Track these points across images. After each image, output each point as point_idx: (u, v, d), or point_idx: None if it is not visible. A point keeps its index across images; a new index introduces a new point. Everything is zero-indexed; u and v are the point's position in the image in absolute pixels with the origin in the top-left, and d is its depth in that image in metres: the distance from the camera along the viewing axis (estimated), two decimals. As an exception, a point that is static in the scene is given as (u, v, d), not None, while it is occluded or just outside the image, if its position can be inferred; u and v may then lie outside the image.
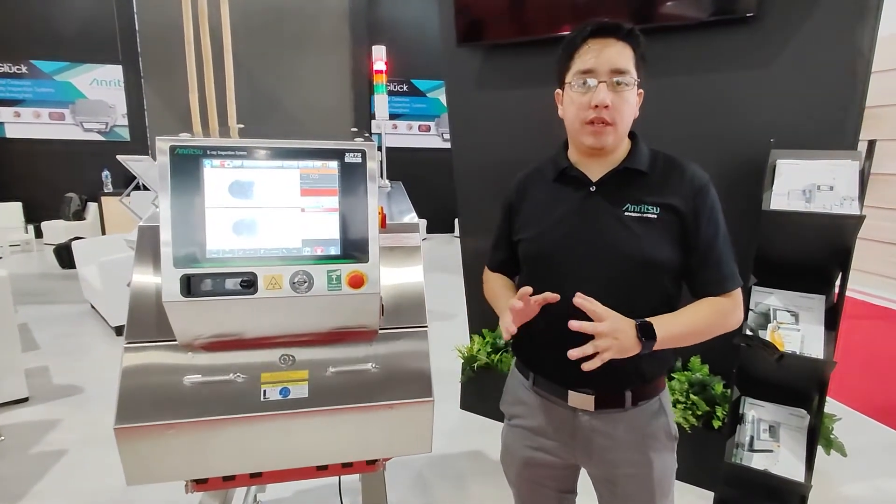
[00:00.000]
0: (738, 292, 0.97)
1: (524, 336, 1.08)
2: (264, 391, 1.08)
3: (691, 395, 1.97)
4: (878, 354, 3.55)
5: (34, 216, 7.51)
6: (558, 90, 1.02)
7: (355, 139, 1.07)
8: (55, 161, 7.78)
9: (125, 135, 7.90)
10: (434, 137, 8.66)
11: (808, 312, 1.57)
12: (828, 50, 1.68)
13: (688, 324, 0.93)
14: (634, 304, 0.93)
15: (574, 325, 0.86)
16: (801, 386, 1.64)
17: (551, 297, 0.92)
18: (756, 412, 1.70)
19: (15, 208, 7.36)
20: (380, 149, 1.10)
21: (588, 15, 2.05)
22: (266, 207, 1.01)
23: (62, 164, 7.78)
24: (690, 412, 1.95)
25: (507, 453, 1.15)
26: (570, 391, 1.00)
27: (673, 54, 1.91)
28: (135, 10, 7.12)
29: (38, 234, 7.41)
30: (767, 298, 1.63)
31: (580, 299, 0.87)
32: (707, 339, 0.96)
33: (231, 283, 0.98)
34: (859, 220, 1.41)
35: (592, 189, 0.98)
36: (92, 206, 7.51)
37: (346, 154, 1.04)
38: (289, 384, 1.10)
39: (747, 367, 1.69)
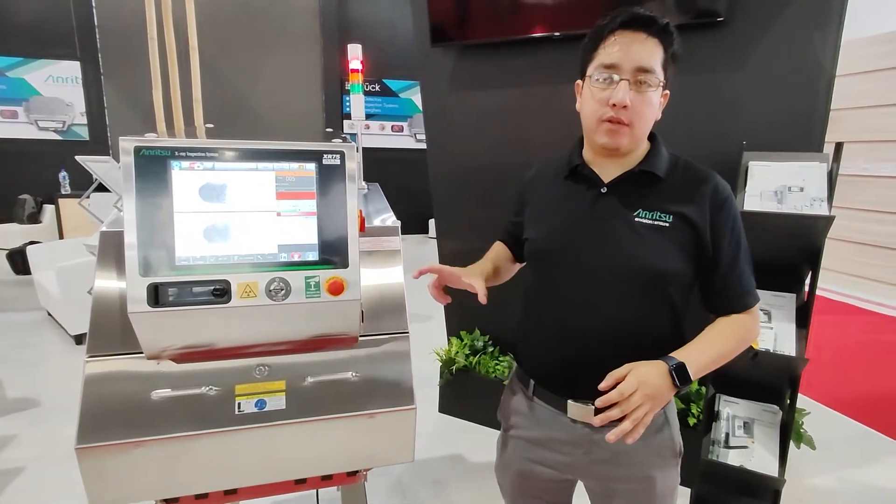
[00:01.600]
0: (757, 307, 0.94)
1: (524, 344, 1.06)
2: (239, 404, 1.04)
3: (667, 394, 2.00)
4: (844, 350, 3.70)
5: (-16, 219, 7.11)
6: (578, 81, 0.96)
7: (333, 140, 1.03)
8: (8, 161, 7.38)
9: (84, 134, 7.56)
10: (407, 138, 8.61)
11: (780, 311, 1.61)
12: (794, 54, 1.73)
13: (717, 352, 0.88)
14: (638, 314, 0.90)
15: (604, 424, 0.82)
16: (774, 383, 1.68)
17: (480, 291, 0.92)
18: (731, 409, 1.74)
19: (-37, 211, 6.95)
20: (357, 150, 1.06)
21: (560, 17, 2.06)
22: (239, 211, 0.96)
23: (15, 164, 7.38)
24: (667, 410, 1.98)
25: (503, 463, 1.11)
26: (569, 401, 0.95)
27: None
28: (93, 4, 6.82)
29: (-10, 238, 7.01)
30: (741, 297, 1.66)
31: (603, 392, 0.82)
32: (731, 359, 0.92)
33: (202, 292, 0.93)
34: (829, 220, 1.45)
35: (603, 190, 0.93)
36: (48, 209, 7.17)
37: (325, 156, 1.00)
38: (265, 396, 1.06)
39: (722, 365, 1.72)
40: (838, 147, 1.50)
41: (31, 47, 7.29)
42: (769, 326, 1.59)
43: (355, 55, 2.24)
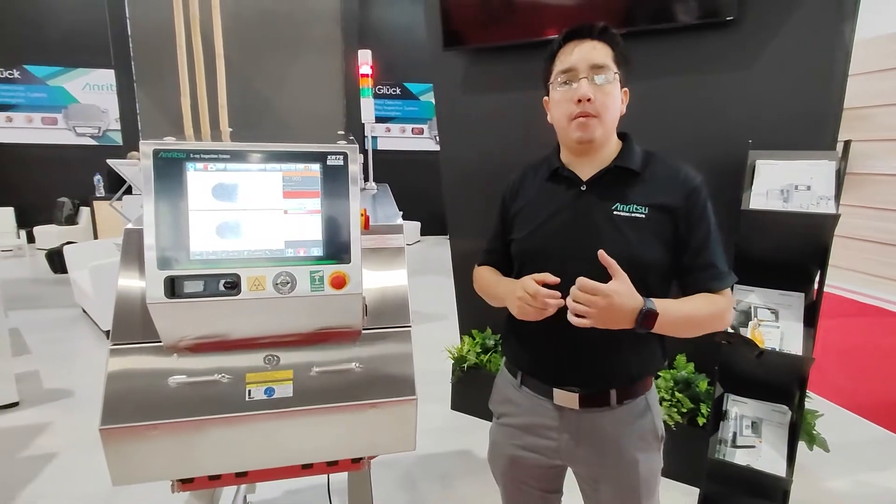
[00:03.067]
0: (730, 292, 0.98)
1: (512, 335, 1.11)
2: (249, 391, 1.10)
3: (676, 393, 2.00)
4: (864, 351, 3.60)
5: (26, 221, 7.48)
6: (546, 97, 1.05)
7: (338, 142, 1.09)
8: (48, 166, 7.75)
9: (118, 139, 7.88)
10: (427, 140, 8.69)
11: (788, 310, 1.60)
12: (806, 52, 1.72)
13: (687, 312, 0.93)
14: None
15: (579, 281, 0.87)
16: (782, 382, 1.67)
17: (552, 279, 0.92)
18: (739, 409, 1.73)
19: (7, 213, 7.32)
20: (363, 151, 1.12)
21: (570, 18, 2.09)
22: (249, 210, 1.02)
23: (55, 168, 7.75)
24: (675, 409, 1.98)
25: (494, 451, 1.16)
26: (555, 389, 1.01)
27: (655, 57, 1.94)
28: (127, 15, 7.12)
29: (31, 239, 7.38)
30: (748, 296, 1.65)
31: (603, 254, 0.88)
32: (700, 333, 0.96)
33: (215, 285, 0.99)
34: (835, 218, 1.44)
35: (583, 188, 0.99)
36: (84, 211, 7.49)
37: (329, 157, 1.05)
38: (273, 384, 1.12)
39: (729, 364, 1.71)
40: (846, 145, 1.49)
41: (70, 57, 7.65)
42: (776, 325, 1.59)
43: (365, 60, 2.31)
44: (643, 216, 0.95)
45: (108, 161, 3.43)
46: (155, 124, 7.39)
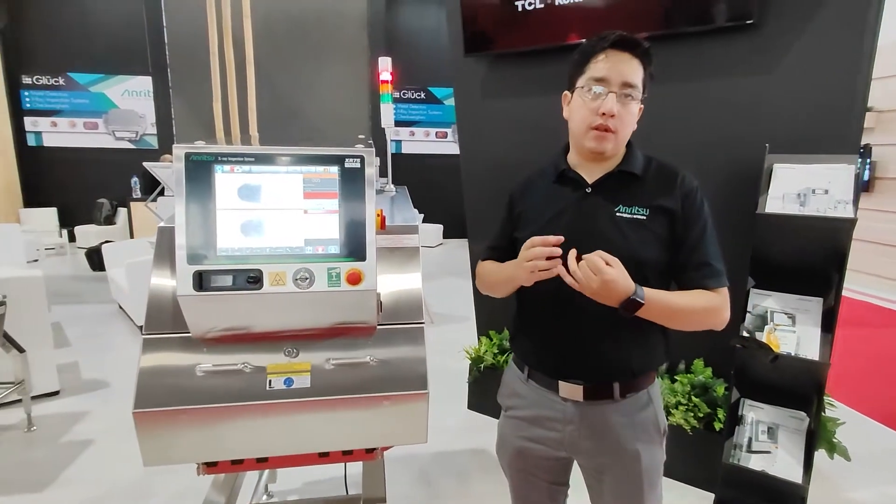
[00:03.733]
0: (726, 292, 1.00)
1: (520, 330, 1.15)
2: (270, 381, 1.16)
3: (693, 398, 1.99)
4: (892, 360, 3.48)
5: (68, 221, 7.85)
6: (567, 92, 1.08)
7: (356, 146, 1.15)
8: (88, 168, 8.12)
9: (154, 143, 8.20)
10: (451, 144, 8.75)
11: (805, 314, 1.59)
12: (828, 56, 1.70)
13: (676, 303, 0.96)
14: None
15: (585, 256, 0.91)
16: (799, 388, 1.65)
17: (555, 239, 0.94)
18: (755, 414, 1.72)
19: (50, 213, 7.71)
20: (381, 155, 1.17)
21: (589, 24, 2.11)
22: (272, 209, 1.09)
23: (95, 171, 8.12)
24: (692, 414, 1.97)
25: (502, 443, 1.20)
26: (560, 382, 1.05)
27: (675, 61, 1.95)
28: (164, 24, 7.42)
29: (72, 237, 7.73)
30: (765, 301, 1.64)
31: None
32: (693, 327, 0.98)
33: (239, 279, 1.06)
34: (852, 223, 1.42)
35: (588, 190, 1.04)
36: (122, 211, 7.82)
37: (346, 160, 1.11)
38: (292, 374, 1.18)
39: (745, 368, 1.70)
40: (866, 149, 1.47)
41: (111, 65, 8.01)
42: (792, 330, 1.57)
43: (385, 67, 2.38)
44: (644, 217, 0.99)
45: (144, 164, 3.60)
46: (189, 128, 7.66)
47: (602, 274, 0.88)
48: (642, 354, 1.03)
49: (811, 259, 1.58)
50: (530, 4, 2.15)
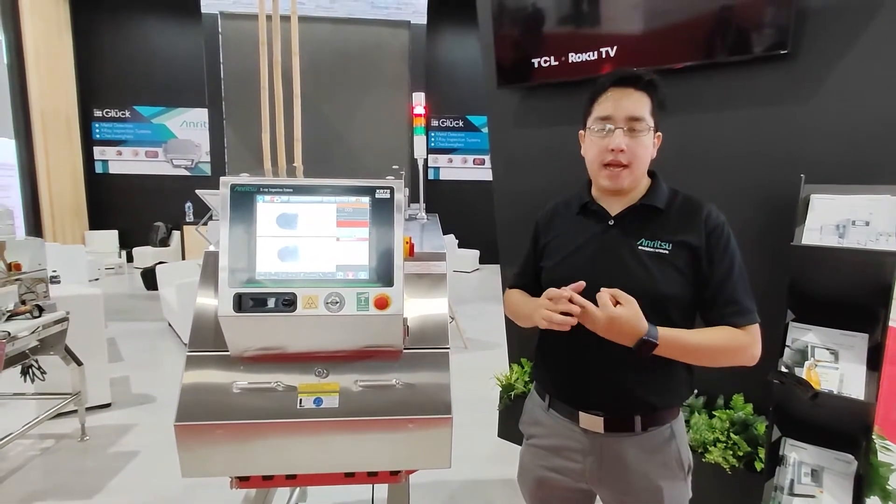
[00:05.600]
0: (757, 329, 0.98)
1: (541, 359, 1.17)
2: (300, 400, 1.21)
3: (732, 435, 1.91)
4: None
5: (127, 242, 8.39)
6: (581, 131, 1.12)
7: (387, 177, 1.21)
8: (147, 194, 8.70)
9: (207, 170, 8.71)
10: (488, 171, 8.82)
11: (850, 351, 1.51)
12: (865, 84, 1.66)
13: (698, 341, 0.95)
14: None
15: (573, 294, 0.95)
16: (845, 429, 1.56)
17: (569, 293, 0.96)
18: (798, 454, 1.63)
19: (112, 236, 8.26)
20: (412, 184, 1.23)
21: (620, 58, 2.15)
22: (307, 237, 1.16)
23: (152, 196, 8.68)
24: (731, 452, 1.89)
25: (523, 472, 1.20)
26: (581, 412, 1.05)
27: (710, 91, 1.95)
28: (221, 60, 7.96)
29: (130, 258, 8.24)
30: (805, 335, 1.58)
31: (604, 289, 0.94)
32: (719, 364, 0.97)
33: (274, 302, 1.13)
34: (895, 256, 1.37)
35: (611, 223, 1.05)
36: (176, 235, 8.29)
37: (377, 191, 1.18)
38: (322, 395, 1.23)
39: (786, 406, 1.63)
40: (909, 179, 1.42)
41: (171, 98, 8.63)
42: (835, 367, 1.50)
43: (419, 101, 2.49)
44: (667, 252, 0.99)
45: (197, 191, 3.84)
46: (240, 157, 8.11)
47: (606, 310, 0.90)
48: (665, 389, 1.02)
49: (854, 293, 1.52)
50: (545, 62, 2.23)
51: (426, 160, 8.78)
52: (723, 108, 1.94)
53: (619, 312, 0.90)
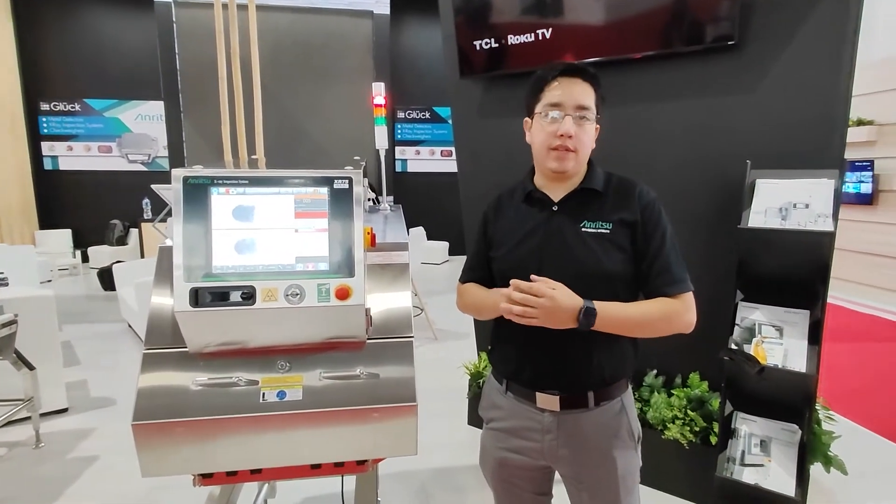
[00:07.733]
0: (690, 297, 1.04)
1: (497, 345, 1.20)
2: (263, 394, 1.20)
3: (689, 412, 2.00)
4: (893, 373, 3.44)
5: (81, 242, 8.02)
6: (527, 119, 1.15)
7: (345, 167, 1.21)
8: (102, 190, 8.33)
9: (165, 165, 8.40)
10: (455, 162, 8.86)
11: (793, 327, 1.60)
12: (808, 73, 1.75)
13: (632, 312, 1.01)
14: None
15: (513, 282, 0.99)
16: (789, 401, 1.66)
17: (520, 283, 1.00)
18: (748, 427, 1.72)
19: (65, 235, 7.88)
20: (365, 175, 1.23)
21: (577, 48, 2.18)
22: (264, 229, 1.15)
23: (108, 193, 8.32)
24: (688, 428, 1.97)
25: (484, 455, 1.24)
26: (537, 393, 1.09)
27: (660, 81, 2.01)
28: (176, 51, 7.66)
29: (85, 258, 7.89)
30: (753, 313, 1.66)
31: (535, 279, 0.98)
32: (655, 333, 1.03)
33: (233, 295, 1.11)
34: (831, 236, 1.45)
35: (555, 209, 1.10)
36: (133, 232, 7.98)
37: (335, 181, 1.17)
38: (285, 388, 1.22)
39: (737, 381, 1.72)
40: (842, 164, 1.51)
41: (125, 90, 8.26)
42: (779, 342, 1.59)
43: (378, 92, 2.47)
44: (608, 231, 1.04)
45: (153, 186, 3.71)
46: (199, 151, 7.85)
47: (540, 293, 0.95)
48: (613, 363, 1.07)
49: (796, 272, 1.60)
50: (507, 52, 2.25)
51: (390, 151, 8.72)
52: (673, 98, 2.01)
53: (554, 293, 0.96)
